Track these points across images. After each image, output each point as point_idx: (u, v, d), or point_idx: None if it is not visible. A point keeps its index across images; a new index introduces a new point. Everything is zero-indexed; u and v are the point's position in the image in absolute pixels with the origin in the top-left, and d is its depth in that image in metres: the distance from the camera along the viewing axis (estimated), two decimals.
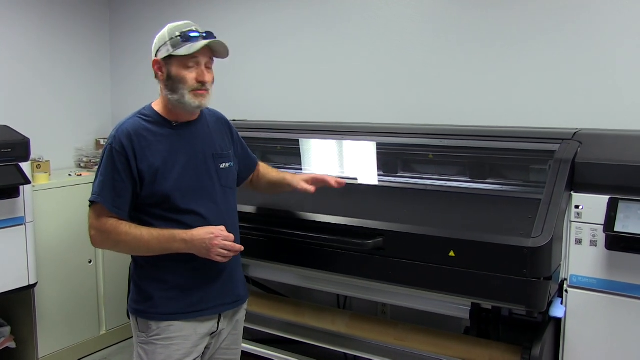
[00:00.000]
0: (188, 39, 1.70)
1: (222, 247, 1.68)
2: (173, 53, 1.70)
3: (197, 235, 1.69)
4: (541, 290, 1.70)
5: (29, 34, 3.46)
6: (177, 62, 1.72)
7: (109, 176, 1.72)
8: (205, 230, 1.70)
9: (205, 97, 1.76)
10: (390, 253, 1.91)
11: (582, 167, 1.88)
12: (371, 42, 2.91)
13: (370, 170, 2.45)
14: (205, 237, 1.68)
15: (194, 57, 1.71)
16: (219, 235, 1.69)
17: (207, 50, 1.74)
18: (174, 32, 1.72)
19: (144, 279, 1.82)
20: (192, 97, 1.73)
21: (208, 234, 1.69)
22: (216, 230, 1.70)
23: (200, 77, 1.72)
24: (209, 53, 1.76)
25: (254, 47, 3.31)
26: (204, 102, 1.76)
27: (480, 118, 2.59)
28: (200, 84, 1.73)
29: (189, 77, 1.72)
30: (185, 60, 1.71)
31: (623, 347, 1.83)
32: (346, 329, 2.28)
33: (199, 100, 1.74)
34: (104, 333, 3.45)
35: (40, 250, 2.99)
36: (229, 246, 1.70)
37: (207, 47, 1.73)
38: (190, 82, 1.72)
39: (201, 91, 1.74)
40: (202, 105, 1.76)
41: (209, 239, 1.68)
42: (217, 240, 1.68)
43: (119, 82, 3.95)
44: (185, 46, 1.70)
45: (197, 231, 1.70)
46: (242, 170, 2.04)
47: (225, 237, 1.70)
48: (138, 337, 1.83)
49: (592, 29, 2.37)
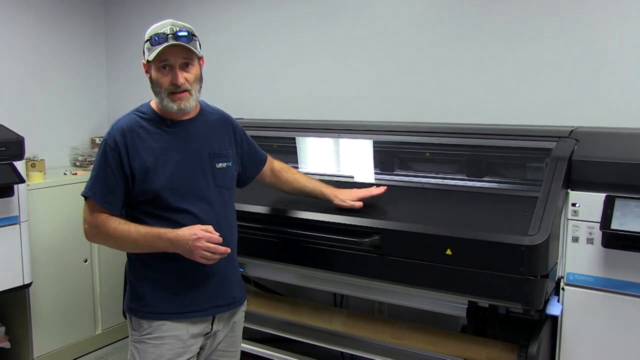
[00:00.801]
0: (157, 41, 1.68)
1: (205, 249, 1.64)
2: (147, 58, 1.71)
3: (182, 235, 1.66)
4: (538, 289, 1.70)
5: (23, 32, 3.44)
6: (153, 65, 1.72)
7: (101, 172, 1.73)
8: (190, 230, 1.66)
9: (184, 99, 1.72)
10: (387, 251, 1.90)
11: (578, 165, 1.88)
12: (368, 40, 2.90)
13: (366, 168, 2.45)
14: (189, 238, 1.64)
15: (165, 60, 1.70)
16: (202, 236, 1.64)
17: (179, 49, 1.69)
18: (149, 34, 1.72)
19: (137, 278, 1.81)
20: (169, 100, 1.72)
21: (192, 234, 1.65)
22: (199, 231, 1.65)
23: (173, 80, 1.70)
24: (182, 52, 1.71)
25: (248, 45, 3.29)
26: (183, 105, 1.73)
27: (477, 116, 2.58)
28: (175, 87, 1.70)
29: (164, 80, 1.71)
30: (157, 64, 1.70)
31: (620, 345, 1.83)
32: (343, 327, 2.27)
33: (177, 104, 1.72)
34: (99, 332, 3.43)
35: (35, 250, 2.97)
36: (212, 248, 1.65)
37: (180, 47, 1.69)
38: (165, 85, 1.71)
39: (178, 94, 1.71)
40: (182, 108, 1.73)
41: (192, 240, 1.64)
42: (200, 242, 1.64)
43: (114, 80, 3.94)
44: (154, 50, 1.68)
45: (182, 231, 1.67)
46: (249, 169, 2.03)
47: (209, 238, 1.65)
48: (131, 336, 1.83)
49: (588, 26, 2.37)
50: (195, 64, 1.76)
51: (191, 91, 1.74)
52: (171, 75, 1.70)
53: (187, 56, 1.72)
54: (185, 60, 1.72)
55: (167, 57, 1.69)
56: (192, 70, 1.74)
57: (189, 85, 1.73)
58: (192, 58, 1.74)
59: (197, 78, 1.76)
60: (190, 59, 1.73)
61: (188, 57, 1.73)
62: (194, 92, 1.75)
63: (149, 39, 1.71)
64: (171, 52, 1.69)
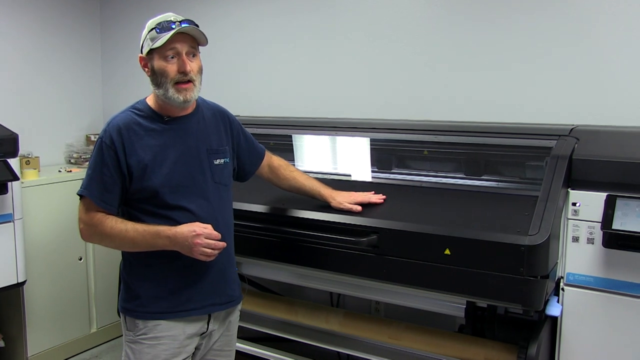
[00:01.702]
0: (163, 29, 1.66)
1: (205, 246, 1.63)
2: (152, 46, 1.67)
3: (180, 232, 1.64)
4: (538, 289, 1.68)
5: (18, 29, 3.40)
6: (157, 55, 1.68)
7: (97, 170, 1.70)
8: (188, 227, 1.64)
9: (189, 90, 1.70)
10: (385, 251, 1.88)
11: (579, 164, 1.86)
12: (366, 37, 2.88)
13: (364, 166, 2.42)
14: (188, 235, 1.63)
15: (173, 48, 1.67)
16: (201, 233, 1.63)
17: (186, 38, 1.68)
18: (152, 26, 1.69)
19: (132, 277, 1.79)
20: (175, 91, 1.68)
21: (190, 232, 1.63)
22: (199, 228, 1.64)
23: (181, 68, 1.67)
24: (189, 41, 1.69)
25: (245, 42, 3.27)
26: (189, 96, 1.70)
27: (476, 114, 2.56)
28: (182, 75, 1.68)
29: (170, 68, 1.68)
30: (164, 52, 1.67)
31: (620, 346, 1.82)
32: (340, 327, 2.25)
33: (183, 95, 1.69)
34: (94, 331, 3.41)
35: (29, 248, 2.95)
36: (212, 244, 1.64)
37: (187, 35, 1.68)
38: (171, 74, 1.67)
39: (184, 84, 1.69)
40: (188, 99, 1.70)
41: (192, 237, 1.62)
42: (200, 239, 1.62)
43: (109, 77, 3.91)
44: (160, 37, 1.65)
45: (180, 228, 1.65)
46: (247, 164, 2.00)
47: (208, 234, 1.64)
48: (126, 336, 1.81)
49: (588, 24, 2.35)
50: (199, 55, 1.75)
51: (195, 82, 1.72)
52: (178, 64, 1.68)
53: (194, 45, 1.71)
54: (192, 50, 1.71)
55: (175, 44, 1.67)
56: (197, 61, 1.73)
57: (194, 75, 1.71)
58: (197, 48, 1.73)
59: (200, 69, 1.75)
60: (195, 49, 1.72)
61: (194, 45, 1.71)
62: (197, 84, 1.73)
63: (153, 28, 1.68)
64: (179, 39, 1.67)
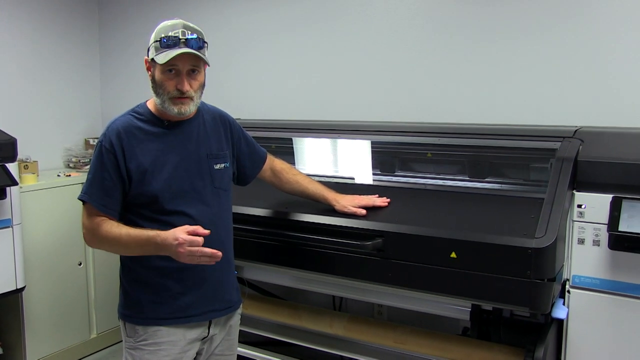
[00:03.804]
0: (169, 43, 1.63)
1: (188, 254, 1.57)
2: (154, 58, 1.66)
3: (166, 239, 1.58)
4: (545, 292, 1.67)
5: (16, 32, 3.38)
6: (159, 67, 1.67)
7: (97, 174, 1.68)
8: (172, 235, 1.57)
9: (186, 104, 1.68)
10: (390, 254, 1.87)
11: (584, 166, 1.85)
12: (368, 39, 2.87)
13: (367, 169, 2.41)
14: (172, 244, 1.56)
15: (174, 65, 1.65)
16: (183, 242, 1.55)
17: (188, 57, 1.65)
18: (160, 34, 1.66)
19: (131, 283, 1.77)
20: (171, 104, 1.68)
21: (174, 239, 1.56)
22: (181, 236, 1.56)
23: (179, 86, 1.66)
24: (191, 60, 1.67)
25: (247, 45, 3.26)
26: (184, 110, 1.69)
27: (480, 116, 2.55)
28: (179, 92, 1.66)
29: (169, 84, 1.66)
30: (164, 67, 1.65)
31: (626, 349, 1.81)
32: (344, 331, 2.24)
33: (178, 107, 1.68)
34: (94, 337, 3.38)
35: (28, 253, 2.92)
36: (196, 252, 1.56)
37: (189, 54, 1.65)
38: (169, 88, 1.66)
39: (181, 99, 1.67)
40: (182, 112, 1.69)
41: (175, 245, 1.57)
42: (182, 248, 1.56)
43: (108, 81, 3.88)
44: (162, 53, 1.63)
45: (166, 234, 1.59)
46: (249, 168, 1.99)
47: (190, 242, 1.55)
48: (126, 342, 1.79)
49: (593, 25, 2.34)
50: (202, 70, 1.72)
51: (194, 98, 1.70)
52: (177, 81, 1.66)
53: (196, 63, 1.68)
54: (193, 67, 1.68)
55: (176, 62, 1.65)
56: (198, 77, 1.71)
57: (193, 92, 1.69)
58: (200, 65, 1.70)
59: (201, 85, 1.73)
60: (197, 66, 1.70)
61: (196, 64, 1.69)
62: (196, 99, 1.72)
63: (158, 39, 1.65)
64: (181, 58, 1.64)
